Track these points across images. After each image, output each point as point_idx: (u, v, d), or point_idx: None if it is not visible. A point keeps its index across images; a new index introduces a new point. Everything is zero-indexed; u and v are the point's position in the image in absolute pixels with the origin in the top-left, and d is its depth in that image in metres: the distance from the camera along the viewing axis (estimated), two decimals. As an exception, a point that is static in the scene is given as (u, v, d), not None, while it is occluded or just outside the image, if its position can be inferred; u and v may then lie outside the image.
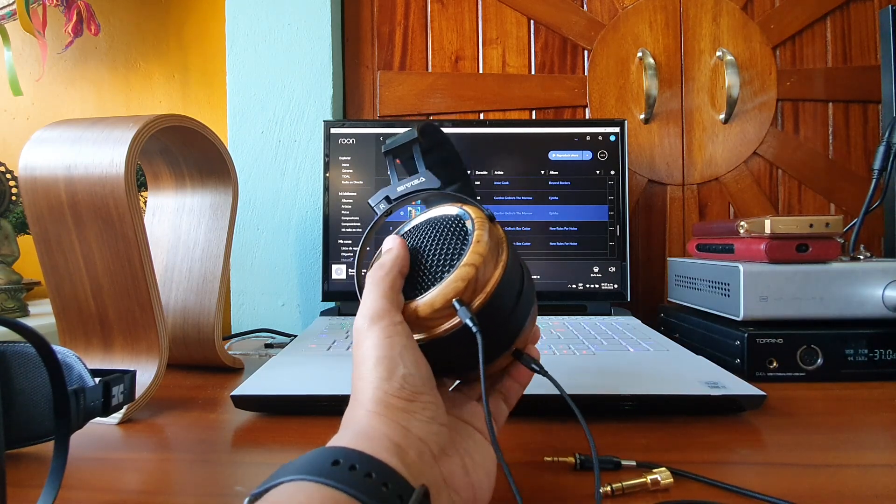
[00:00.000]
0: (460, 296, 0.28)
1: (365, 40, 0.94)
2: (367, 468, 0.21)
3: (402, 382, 0.26)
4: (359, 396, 0.26)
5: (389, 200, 0.35)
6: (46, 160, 0.46)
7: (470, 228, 0.30)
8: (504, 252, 0.30)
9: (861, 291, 0.55)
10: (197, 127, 0.52)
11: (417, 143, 0.35)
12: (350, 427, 0.25)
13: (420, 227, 0.33)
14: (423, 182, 0.34)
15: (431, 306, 0.28)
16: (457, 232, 0.31)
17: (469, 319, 0.27)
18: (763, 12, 0.90)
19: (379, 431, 0.24)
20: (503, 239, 0.31)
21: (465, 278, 0.28)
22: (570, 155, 0.79)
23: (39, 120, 1.00)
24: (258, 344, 0.75)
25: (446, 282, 0.28)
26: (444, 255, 0.30)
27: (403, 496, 0.21)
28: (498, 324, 0.29)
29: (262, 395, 0.44)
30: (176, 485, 0.34)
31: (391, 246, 0.31)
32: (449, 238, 0.30)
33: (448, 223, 0.31)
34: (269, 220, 0.88)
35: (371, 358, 0.26)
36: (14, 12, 0.86)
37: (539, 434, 0.40)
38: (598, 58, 0.91)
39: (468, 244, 0.29)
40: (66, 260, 0.47)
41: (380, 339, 0.27)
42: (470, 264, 0.28)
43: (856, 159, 0.90)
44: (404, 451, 0.23)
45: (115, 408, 0.37)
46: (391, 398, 0.25)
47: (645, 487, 0.31)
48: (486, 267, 0.28)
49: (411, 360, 0.27)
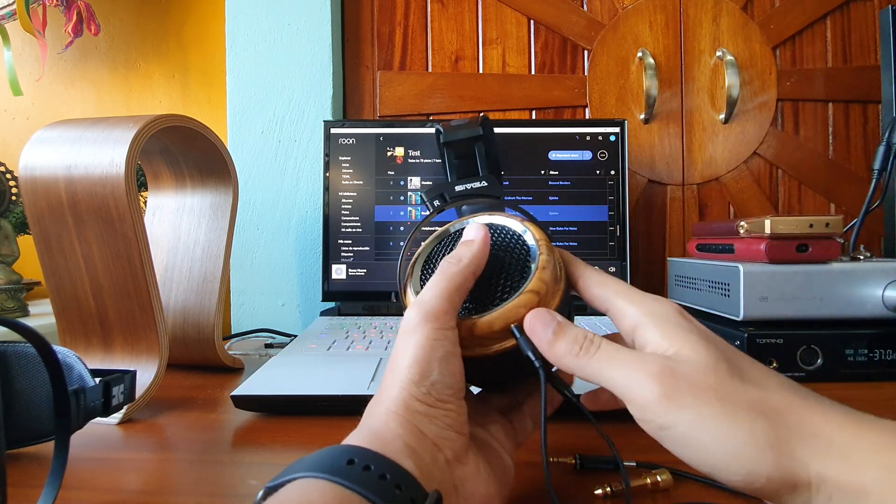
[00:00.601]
0: (520, 322, 0.27)
1: (365, 40, 0.94)
2: (382, 469, 0.21)
3: (430, 388, 0.25)
4: (383, 393, 0.26)
5: (445, 199, 0.33)
6: (46, 160, 0.46)
7: (533, 250, 0.29)
8: (562, 280, 0.29)
9: (861, 291, 0.55)
10: (197, 127, 0.52)
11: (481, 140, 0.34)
12: (368, 424, 0.25)
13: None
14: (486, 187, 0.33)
15: (490, 327, 0.27)
16: (521, 251, 0.29)
17: (531, 352, 0.27)
18: (763, 12, 0.90)
19: (394, 433, 0.24)
20: (562, 265, 0.30)
21: (528, 305, 0.27)
22: (570, 155, 0.79)
23: (39, 120, 1.00)
24: (258, 344, 0.75)
25: (509, 305, 0.27)
26: (507, 274, 0.29)
27: (416, 499, 0.21)
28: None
29: (262, 395, 0.44)
30: (176, 485, 0.34)
31: (474, 238, 0.29)
32: (513, 256, 0.29)
33: (513, 239, 0.30)
34: (269, 220, 0.88)
35: (409, 356, 0.25)
36: (14, 12, 0.86)
37: (538, 433, 0.40)
38: (598, 58, 0.91)
39: (531, 267, 0.28)
40: (66, 260, 0.47)
41: (425, 341, 0.26)
42: (534, 291, 0.27)
43: (856, 159, 0.90)
44: (418, 455, 0.23)
45: (115, 408, 0.37)
46: (414, 401, 0.25)
47: (645, 488, 0.31)
48: (547, 295, 0.28)
49: (447, 370, 0.26)
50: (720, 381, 0.23)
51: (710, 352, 0.24)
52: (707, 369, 0.24)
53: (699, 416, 0.22)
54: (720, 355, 0.24)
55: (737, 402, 0.23)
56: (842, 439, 0.22)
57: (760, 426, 0.22)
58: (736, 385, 0.23)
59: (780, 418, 0.22)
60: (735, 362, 0.25)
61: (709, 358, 0.24)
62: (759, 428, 0.22)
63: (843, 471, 0.21)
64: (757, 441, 0.22)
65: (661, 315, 0.26)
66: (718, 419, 0.22)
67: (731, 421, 0.22)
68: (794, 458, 0.21)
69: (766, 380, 0.24)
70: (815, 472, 0.21)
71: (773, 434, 0.22)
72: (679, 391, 0.23)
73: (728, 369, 0.24)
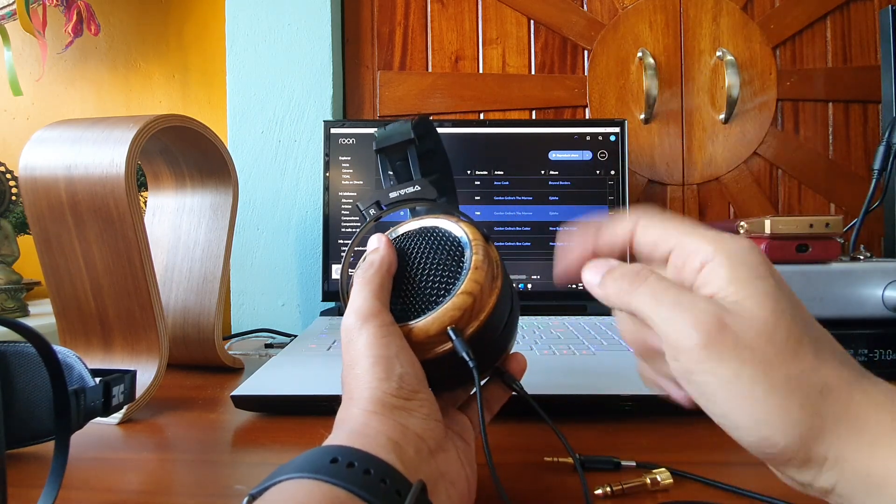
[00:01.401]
0: (456, 324, 0.27)
1: (365, 40, 0.94)
2: (366, 465, 0.21)
3: (400, 382, 0.26)
4: (354, 396, 0.26)
5: (380, 206, 0.33)
6: (46, 160, 0.46)
7: (467, 251, 0.29)
8: (499, 278, 0.29)
9: (861, 291, 0.55)
10: (197, 127, 0.52)
11: (413, 144, 0.34)
12: (345, 426, 0.25)
13: (413, 235, 0.32)
14: (419, 191, 0.33)
15: (426, 332, 0.28)
16: (453, 252, 0.30)
17: (465, 353, 0.27)
18: (763, 12, 0.90)
19: (376, 430, 0.24)
20: (499, 263, 0.30)
21: (461, 307, 0.27)
22: (570, 155, 0.79)
23: (39, 120, 1.00)
24: (258, 344, 0.75)
25: (443, 309, 0.28)
26: (440, 277, 0.29)
27: (402, 491, 0.21)
28: (487, 348, 0.30)
29: (262, 395, 0.44)
30: (176, 485, 0.34)
31: (378, 246, 0.30)
32: (445, 258, 0.30)
33: (444, 240, 0.30)
34: (269, 220, 0.88)
35: (367, 357, 0.26)
36: (14, 12, 0.86)
37: (539, 434, 0.40)
38: (598, 58, 0.91)
39: (464, 268, 0.28)
40: (66, 260, 0.47)
41: (375, 339, 0.26)
42: (467, 293, 0.28)
43: (856, 159, 0.90)
44: (402, 449, 0.23)
45: (115, 408, 0.37)
46: (389, 397, 0.25)
47: (645, 488, 0.31)
48: (482, 295, 0.28)
49: (407, 360, 0.26)
50: (772, 344, 0.22)
51: (775, 308, 0.22)
52: (763, 329, 0.22)
53: (735, 375, 0.21)
54: (784, 314, 0.22)
55: (782, 369, 0.21)
56: (877, 426, 0.20)
57: (797, 400, 0.21)
58: (789, 351, 0.22)
59: (822, 395, 0.21)
60: (797, 324, 0.22)
61: (770, 315, 0.22)
62: (796, 402, 0.21)
63: (866, 457, 0.20)
64: (789, 415, 0.21)
65: (736, 255, 0.23)
66: (756, 382, 0.21)
67: (769, 387, 0.21)
68: (818, 438, 0.21)
69: (824, 349, 0.22)
70: (835, 453, 0.20)
71: (809, 411, 0.21)
72: (722, 345, 0.21)
73: (786, 332, 0.22)
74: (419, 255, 0.30)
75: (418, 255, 0.30)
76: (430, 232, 0.31)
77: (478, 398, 0.27)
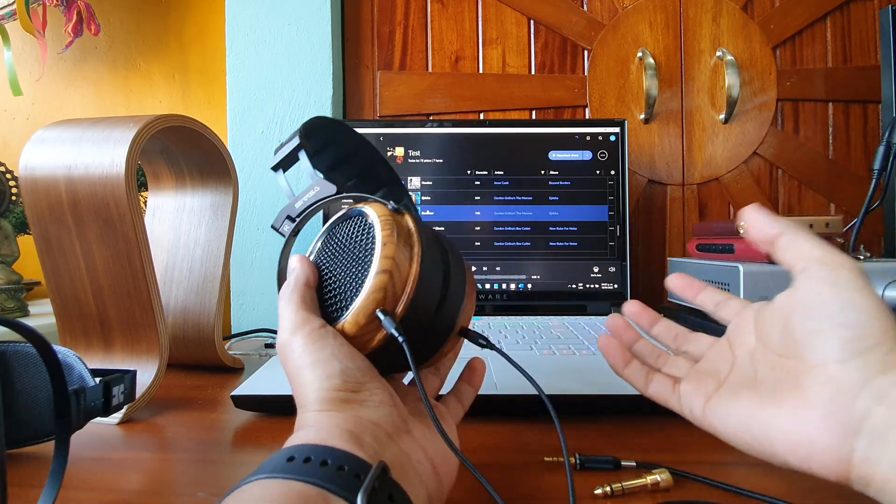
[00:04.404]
0: (382, 306, 0.27)
1: (365, 40, 0.94)
2: (322, 457, 0.22)
3: (343, 377, 0.26)
4: (303, 402, 0.26)
5: (292, 219, 0.32)
6: (47, 160, 0.46)
7: (374, 230, 0.28)
8: (416, 244, 0.28)
9: (861, 291, 0.55)
10: (197, 127, 0.52)
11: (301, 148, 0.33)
12: (300, 429, 0.25)
13: (326, 242, 0.31)
14: (319, 191, 0.32)
15: (356, 324, 0.27)
16: (362, 239, 0.29)
17: (394, 329, 0.26)
18: (763, 12, 0.90)
19: (330, 424, 0.24)
20: (412, 230, 0.29)
21: (381, 287, 0.27)
22: (570, 155, 0.79)
23: (39, 120, 1.00)
24: (258, 344, 0.75)
25: (363, 295, 0.27)
26: (355, 267, 0.28)
27: (361, 475, 0.22)
28: (430, 316, 0.29)
29: (262, 395, 0.44)
30: (176, 485, 0.34)
31: (292, 266, 0.31)
32: (355, 248, 0.29)
33: (351, 231, 0.30)
34: (269, 220, 0.88)
35: (305, 365, 0.26)
36: (14, 12, 0.86)
37: (538, 434, 0.40)
38: (598, 58, 0.91)
39: (375, 250, 0.28)
40: (67, 260, 0.47)
41: (307, 345, 0.26)
42: (383, 271, 0.27)
43: (856, 159, 0.90)
44: (358, 437, 0.24)
45: (115, 408, 0.37)
46: (336, 393, 0.25)
47: (645, 488, 0.31)
48: (399, 268, 0.27)
49: (346, 356, 0.26)
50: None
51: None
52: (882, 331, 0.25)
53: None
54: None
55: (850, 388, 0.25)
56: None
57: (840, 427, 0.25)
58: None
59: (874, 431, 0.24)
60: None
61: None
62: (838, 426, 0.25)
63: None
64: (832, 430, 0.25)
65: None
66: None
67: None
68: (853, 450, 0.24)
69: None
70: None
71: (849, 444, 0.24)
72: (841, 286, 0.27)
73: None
74: (335, 256, 0.30)
75: (334, 255, 0.30)
76: (337, 230, 0.31)
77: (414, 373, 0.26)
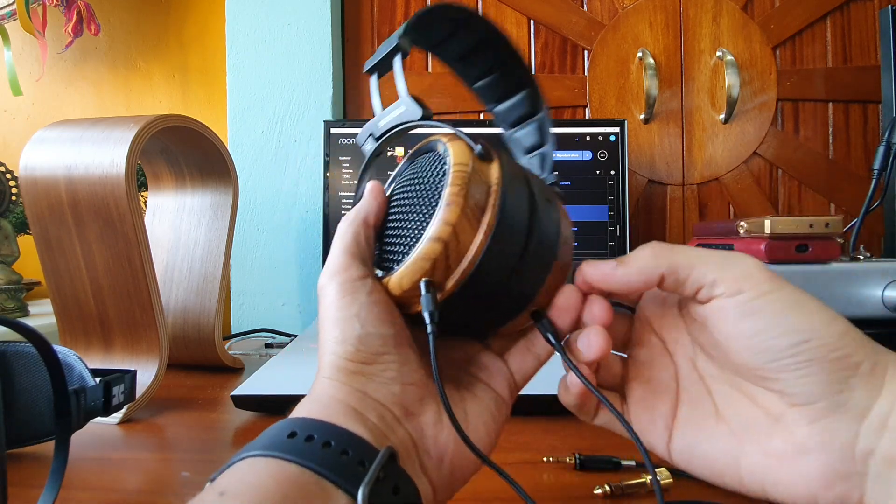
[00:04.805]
0: (429, 276, 0.22)
1: (365, 40, 0.94)
2: (326, 437, 0.20)
3: (358, 345, 0.23)
4: (320, 362, 0.24)
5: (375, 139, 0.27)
6: (47, 160, 0.46)
7: (446, 180, 0.23)
8: (490, 210, 0.23)
9: (861, 291, 0.55)
10: (197, 127, 0.52)
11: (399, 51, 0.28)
12: (310, 396, 0.23)
13: (406, 172, 0.27)
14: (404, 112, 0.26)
15: (400, 286, 0.23)
16: (435, 183, 0.24)
17: (428, 312, 0.22)
18: (763, 12, 0.90)
19: (334, 399, 0.22)
20: (493, 188, 0.23)
21: (430, 257, 0.22)
22: (570, 155, 0.79)
23: (39, 120, 1.00)
24: (258, 344, 0.75)
25: (411, 259, 0.23)
26: (423, 215, 0.24)
27: (365, 461, 0.20)
28: (492, 295, 0.24)
29: (262, 394, 0.44)
30: (176, 485, 0.34)
31: (364, 193, 0.27)
32: (427, 191, 0.24)
33: (429, 168, 0.25)
34: (269, 220, 0.88)
35: (329, 318, 0.24)
36: (14, 12, 0.86)
37: (539, 434, 0.40)
38: (598, 58, 0.91)
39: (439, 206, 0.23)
40: (67, 260, 0.47)
41: (336, 299, 0.24)
42: (437, 238, 0.22)
43: (856, 159, 0.90)
44: (363, 416, 0.22)
45: (115, 408, 0.37)
46: (345, 362, 0.23)
47: (645, 488, 0.31)
48: (459, 239, 0.22)
49: (372, 318, 0.23)
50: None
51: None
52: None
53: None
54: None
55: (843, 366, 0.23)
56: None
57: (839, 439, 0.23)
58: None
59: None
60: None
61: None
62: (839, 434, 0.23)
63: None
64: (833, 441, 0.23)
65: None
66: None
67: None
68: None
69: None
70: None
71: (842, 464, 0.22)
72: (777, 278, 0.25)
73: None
74: (410, 192, 0.25)
75: (409, 191, 0.26)
76: (418, 161, 0.27)
77: (433, 363, 0.23)
